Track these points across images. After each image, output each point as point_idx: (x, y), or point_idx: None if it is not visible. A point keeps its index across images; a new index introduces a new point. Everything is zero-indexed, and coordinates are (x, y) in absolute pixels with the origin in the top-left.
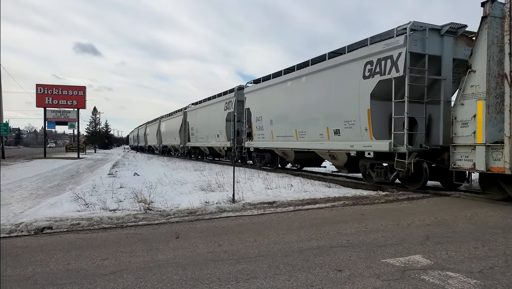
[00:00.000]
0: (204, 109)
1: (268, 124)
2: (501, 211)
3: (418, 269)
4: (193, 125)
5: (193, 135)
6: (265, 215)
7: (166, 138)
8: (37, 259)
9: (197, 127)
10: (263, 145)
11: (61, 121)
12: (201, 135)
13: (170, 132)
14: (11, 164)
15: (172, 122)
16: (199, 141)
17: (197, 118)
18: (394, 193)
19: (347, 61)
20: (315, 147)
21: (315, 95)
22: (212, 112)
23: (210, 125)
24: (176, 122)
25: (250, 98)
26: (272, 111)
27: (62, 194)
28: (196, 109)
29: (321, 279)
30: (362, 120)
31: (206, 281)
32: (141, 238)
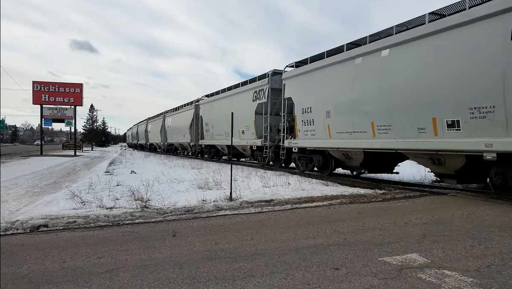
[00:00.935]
0: (224, 101)
1: (322, 117)
2: (497, 210)
3: (414, 267)
4: (208, 120)
5: (208, 132)
6: (263, 213)
7: (173, 135)
8: (32, 257)
9: (214, 122)
10: (313, 144)
11: (58, 119)
12: (218, 131)
13: (178, 129)
14: (7, 162)
15: (180, 117)
16: (215, 138)
17: (213, 112)
18: (391, 192)
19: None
20: (410, 147)
21: (409, 72)
22: (235, 104)
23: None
24: (185, 117)
25: (292, 85)
26: (329, 99)
27: (59, 191)
28: (211, 101)
29: (318, 277)
30: None
31: (203, 280)
32: (137, 236)
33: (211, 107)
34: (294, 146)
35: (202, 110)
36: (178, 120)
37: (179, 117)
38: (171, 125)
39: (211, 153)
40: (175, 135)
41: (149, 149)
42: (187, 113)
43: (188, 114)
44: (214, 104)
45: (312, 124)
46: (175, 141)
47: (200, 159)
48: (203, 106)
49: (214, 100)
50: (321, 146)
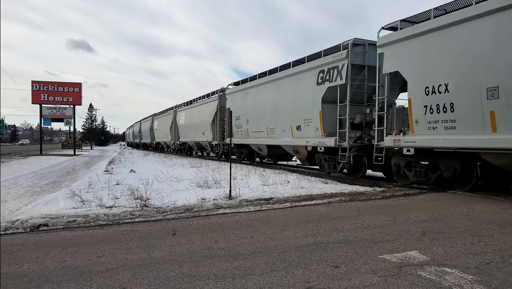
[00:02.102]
0: (264, 88)
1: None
2: (497, 207)
3: (414, 265)
4: (241, 113)
5: (240, 128)
6: (262, 211)
7: (187, 133)
8: (33, 256)
9: (249, 116)
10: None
11: (57, 118)
12: (256, 127)
13: (195, 125)
14: (6, 161)
15: (199, 111)
16: (251, 136)
17: (247, 104)
18: (391, 189)
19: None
20: None
21: None
22: (285, 90)
23: (284, 110)
24: (205, 111)
25: (401, 52)
26: None
27: (58, 191)
28: (245, 89)
29: (318, 275)
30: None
31: (203, 278)
32: (137, 235)
33: (244, 97)
34: (408, 145)
35: (230, 102)
36: (195, 115)
37: (196, 111)
38: (185, 122)
39: (241, 154)
40: (191, 133)
41: (155, 149)
42: (209, 106)
43: (209, 108)
44: (249, 93)
45: (451, 111)
46: (190, 139)
47: (225, 160)
48: (232, 96)
49: (248, 88)
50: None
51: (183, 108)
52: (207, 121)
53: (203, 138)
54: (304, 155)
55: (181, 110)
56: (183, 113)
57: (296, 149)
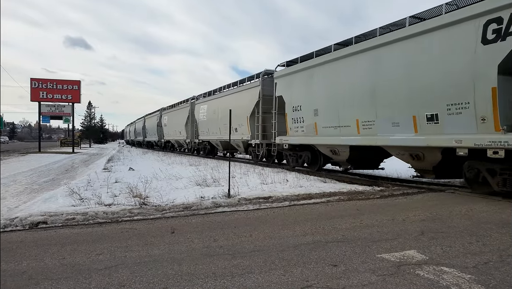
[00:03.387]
0: (354, 60)
1: None
2: (495, 207)
3: (413, 264)
4: (303, 102)
5: (300, 122)
6: (261, 210)
7: (211, 129)
8: (32, 253)
9: (322, 104)
10: None
11: (56, 116)
12: (332, 120)
13: (220, 121)
14: (5, 158)
15: (227, 104)
16: (322, 133)
17: (316, 87)
18: (389, 188)
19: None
20: None
21: None
22: (409, 59)
23: (394, 92)
24: (237, 103)
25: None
26: None
27: (57, 188)
28: (310, 68)
29: (317, 274)
30: None
31: (201, 276)
32: (136, 233)
33: (307, 79)
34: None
35: (281, 87)
36: (222, 108)
37: (225, 103)
38: (208, 116)
39: (299, 158)
40: (215, 130)
41: (162, 148)
42: (245, 96)
43: (246, 97)
44: (317, 73)
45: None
46: (214, 138)
47: (266, 164)
48: (284, 80)
49: (315, 66)
50: None
51: (204, 100)
52: (242, 115)
53: (235, 136)
54: (435, 161)
55: (201, 103)
56: (204, 106)
57: (418, 153)
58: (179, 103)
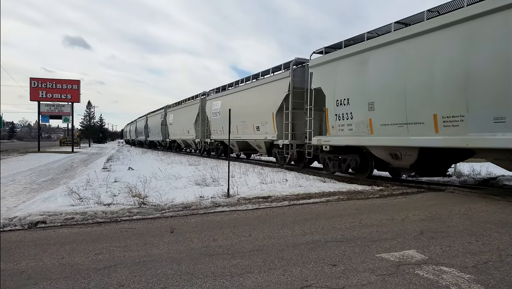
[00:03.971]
0: (440, 36)
1: None
2: (494, 206)
3: (412, 263)
4: (351, 94)
5: (344, 119)
6: (260, 209)
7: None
8: (30, 253)
9: (381, 96)
10: None
11: (55, 115)
12: (395, 116)
13: (238, 118)
14: (4, 158)
15: (247, 99)
16: (380, 132)
17: (371, 76)
18: (389, 188)
19: None
20: None
21: None
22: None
23: None
24: (260, 98)
25: None
26: None
27: (56, 188)
28: (362, 52)
29: (316, 273)
30: None
31: (200, 276)
32: (135, 233)
33: (358, 66)
34: None
35: (318, 78)
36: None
37: (243, 98)
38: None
39: (341, 162)
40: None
41: (167, 148)
42: (270, 89)
43: (272, 91)
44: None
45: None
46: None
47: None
48: (322, 69)
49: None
50: None
51: (216, 95)
52: (266, 111)
53: (257, 135)
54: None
55: (213, 99)
56: (218, 102)
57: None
58: (187, 100)
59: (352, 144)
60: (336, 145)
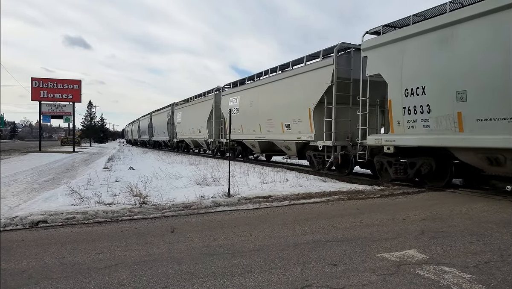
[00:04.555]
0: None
1: None
2: (496, 206)
3: (413, 263)
4: (420, 82)
5: (416, 113)
6: (261, 209)
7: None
8: (32, 252)
9: (465, 84)
10: None
11: (57, 115)
12: (483, 111)
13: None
14: (6, 158)
15: (278, 92)
16: (474, 132)
17: (457, 57)
18: (390, 188)
19: None
20: None
21: None
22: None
23: None
24: (302, 85)
25: None
26: None
27: (57, 187)
28: (440, 28)
29: (316, 273)
30: None
31: (201, 275)
32: (136, 232)
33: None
34: None
35: (379, 62)
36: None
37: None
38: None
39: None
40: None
41: (175, 148)
42: (310, 78)
43: (312, 80)
44: None
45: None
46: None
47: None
48: (385, 51)
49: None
50: None
51: (234, 90)
52: (300, 106)
53: (287, 135)
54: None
55: (230, 94)
56: (236, 97)
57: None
58: (198, 96)
59: (430, 145)
60: (404, 145)
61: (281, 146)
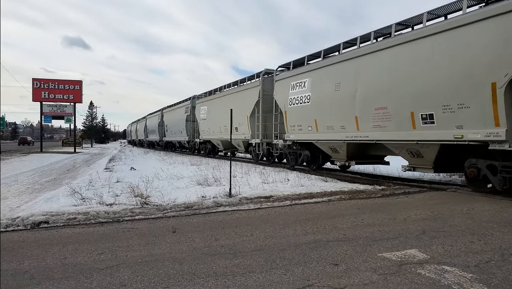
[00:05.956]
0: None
1: None
2: (496, 205)
3: (414, 263)
4: None
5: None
6: (262, 209)
7: (367, 112)
8: (33, 253)
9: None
10: None
11: (58, 116)
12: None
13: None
14: (7, 158)
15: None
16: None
17: None
18: (391, 187)
19: None
20: None
21: None
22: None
23: None
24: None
25: None
26: None
27: (59, 188)
28: None
29: (318, 273)
30: None
31: (202, 275)
32: (137, 233)
33: None
34: None
35: None
36: (382, 74)
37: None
38: (333, 95)
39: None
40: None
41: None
42: None
43: None
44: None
45: None
46: (389, 138)
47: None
48: None
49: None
50: None
51: (299, 71)
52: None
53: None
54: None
55: (293, 76)
56: (308, 79)
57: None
58: (234, 84)
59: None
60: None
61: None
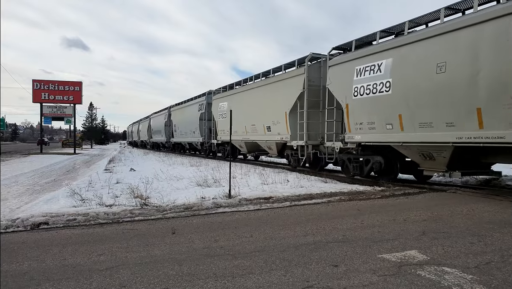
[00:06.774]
0: None
1: None
2: (497, 206)
3: (414, 264)
4: None
5: None
6: (261, 210)
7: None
8: (33, 254)
9: None
10: None
11: (58, 117)
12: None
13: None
14: (7, 160)
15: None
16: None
17: None
18: (390, 188)
19: None
20: None
21: None
22: None
23: None
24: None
25: None
26: None
27: (59, 189)
28: None
29: (317, 274)
30: None
31: (202, 277)
32: (137, 234)
33: None
34: None
35: None
36: None
37: None
38: None
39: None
40: None
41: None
42: None
43: None
44: None
45: None
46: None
47: None
48: None
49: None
50: None
51: (369, 50)
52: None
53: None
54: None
55: (358, 58)
56: (385, 60)
57: None
58: (268, 73)
59: None
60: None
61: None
